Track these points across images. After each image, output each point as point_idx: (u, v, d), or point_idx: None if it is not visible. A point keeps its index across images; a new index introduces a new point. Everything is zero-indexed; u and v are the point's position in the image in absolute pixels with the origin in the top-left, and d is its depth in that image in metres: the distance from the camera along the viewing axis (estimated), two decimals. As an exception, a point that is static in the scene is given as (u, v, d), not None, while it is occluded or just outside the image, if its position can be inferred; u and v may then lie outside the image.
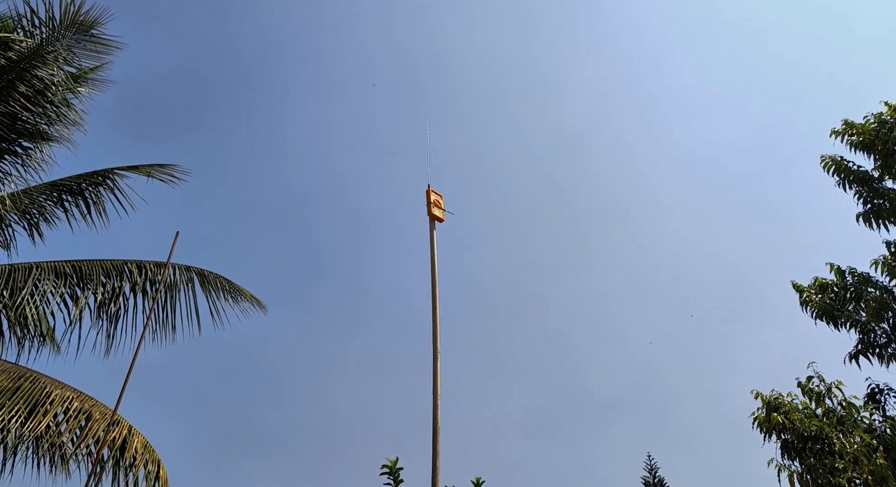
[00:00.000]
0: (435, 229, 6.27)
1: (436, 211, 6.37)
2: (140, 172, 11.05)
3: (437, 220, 6.42)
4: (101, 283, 10.15)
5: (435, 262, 5.89)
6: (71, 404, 8.13)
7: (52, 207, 10.25)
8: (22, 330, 9.76)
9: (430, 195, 6.54)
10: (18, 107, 7.83)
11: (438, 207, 6.41)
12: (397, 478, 6.55)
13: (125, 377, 6.36)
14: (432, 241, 6.07)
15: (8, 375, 7.81)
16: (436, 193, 6.55)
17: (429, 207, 6.46)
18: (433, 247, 6.02)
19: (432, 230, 6.26)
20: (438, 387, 4.90)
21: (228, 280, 11.42)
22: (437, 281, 5.65)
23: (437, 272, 5.75)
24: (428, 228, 6.30)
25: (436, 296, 5.63)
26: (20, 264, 9.42)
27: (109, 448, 8.31)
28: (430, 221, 6.42)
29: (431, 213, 6.41)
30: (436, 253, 5.93)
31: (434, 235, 6.15)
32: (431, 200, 6.45)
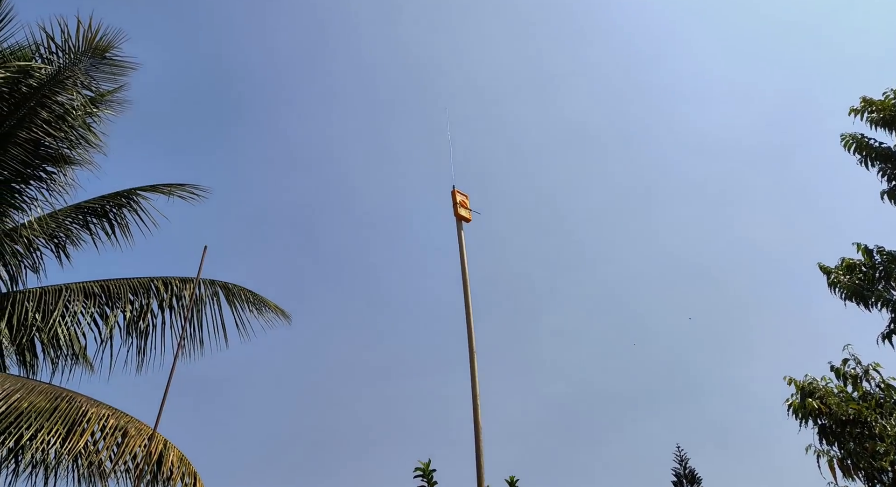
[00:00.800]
0: (462, 229, 6.27)
1: (462, 211, 6.37)
2: (161, 192, 11.22)
3: (465, 220, 6.42)
4: (129, 301, 10.32)
5: (465, 262, 5.89)
6: (107, 421, 8.24)
7: (78, 229, 10.43)
8: (55, 350, 9.96)
9: (455, 195, 6.54)
10: (41, 132, 8.00)
11: (465, 207, 6.41)
12: (431, 480, 6.57)
13: (163, 394, 6.45)
14: (461, 241, 6.08)
15: (45, 396, 7.94)
16: (461, 193, 6.54)
17: (455, 208, 6.45)
18: (462, 248, 6.02)
19: (460, 230, 6.26)
20: (477, 386, 4.90)
21: (252, 291, 11.55)
22: (469, 281, 5.66)
23: (467, 272, 5.76)
24: (455, 229, 6.29)
25: (468, 296, 5.63)
26: (50, 287, 9.60)
27: (147, 464, 8.42)
28: (456, 221, 6.41)
29: (458, 213, 6.41)
30: (465, 253, 5.93)
31: (462, 235, 6.15)
32: (457, 201, 6.45)
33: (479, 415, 4.66)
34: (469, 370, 5.03)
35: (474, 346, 5.25)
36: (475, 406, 4.80)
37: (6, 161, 7.98)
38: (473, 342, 5.29)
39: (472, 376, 4.99)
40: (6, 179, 8.13)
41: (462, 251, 6.00)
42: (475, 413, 4.71)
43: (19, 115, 7.81)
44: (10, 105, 7.77)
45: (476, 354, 5.14)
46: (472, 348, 5.25)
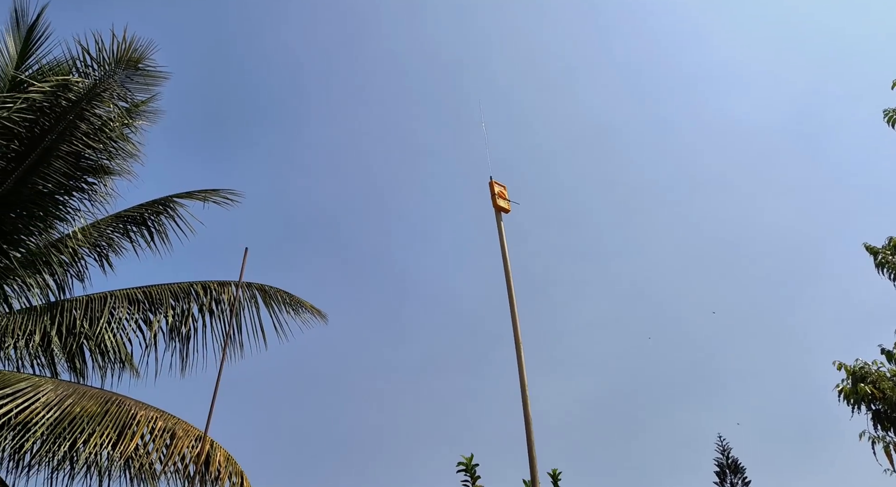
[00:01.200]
0: (501, 220, 6.21)
1: (501, 202, 6.29)
2: (196, 198, 11.44)
3: (503, 211, 6.35)
4: (170, 306, 10.56)
5: (506, 253, 5.81)
6: (155, 423, 8.45)
7: (119, 238, 10.70)
8: (103, 356, 10.24)
9: (493, 186, 6.48)
10: (81, 144, 8.22)
11: (503, 198, 6.34)
12: (474, 475, 6.59)
13: (212, 397, 6.57)
14: (500, 232, 6.01)
15: (96, 400, 8.18)
16: (499, 184, 6.48)
17: (493, 199, 6.38)
18: (502, 239, 5.95)
19: (499, 221, 6.18)
20: (525, 378, 4.86)
21: (288, 292, 11.71)
22: (511, 272, 5.59)
23: (509, 263, 5.69)
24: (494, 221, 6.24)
25: (511, 287, 5.56)
26: (95, 294, 9.88)
27: (195, 464, 8.60)
28: (495, 213, 6.34)
29: (496, 205, 6.33)
30: (505, 245, 5.87)
31: (501, 226, 6.09)
32: (495, 192, 6.39)
33: (528, 406, 4.63)
34: (516, 362, 4.99)
35: (520, 337, 5.20)
36: (524, 398, 4.75)
37: (49, 174, 8.22)
38: (519, 333, 5.23)
39: (520, 367, 4.94)
40: (50, 192, 8.37)
41: (503, 242, 5.92)
42: (524, 404, 4.68)
43: (60, 129, 8.03)
44: (51, 119, 8.00)
45: (522, 345, 5.09)
46: (518, 339, 5.20)
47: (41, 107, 7.88)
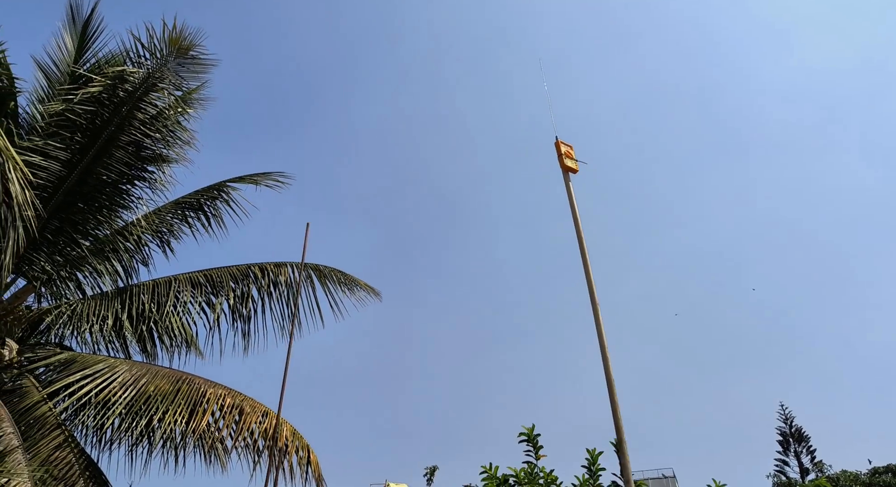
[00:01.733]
0: (570, 181, 6.04)
1: (568, 162, 6.11)
2: (249, 182, 11.68)
3: (571, 171, 6.16)
4: (231, 289, 10.88)
5: (577, 214, 5.66)
6: (224, 400, 8.77)
7: (179, 223, 11.03)
8: (170, 338, 10.67)
9: (559, 146, 6.29)
10: (139, 134, 8.47)
11: (570, 158, 6.17)
12: (536, 444, 6.61)
13: (283, 376, 6.74)
14: (570, 193, 5.84)
15: (168, 379, 8.54)
16: (565, 144, 6.30)
17: (560, 159, 6.19)
18: (572, 200, 5.79)
19: (567, 182, 6.00)
20: (604, 339, 4.79)
21: (342, 271, 11.90)
22: (583, 234, 5.45)
23: (580, 224, 5.55)
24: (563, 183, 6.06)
25: (584, 248, 5.41)
26: (160, 279, 10.26)
27: (264, 439, 8.91)
28: (563, 173, 6.15)
29: (564, 165, 6.15)
30: (576, 205, 5.72)
31: (570, 187, 5.92)
32: (562, 152, 6.21)
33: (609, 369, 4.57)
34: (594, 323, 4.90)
35: (596, 298, 5.09)
36: (605, 361, 4.69)
37: (111, 163, 8.51)
38: (595, 294, 5.13)
39: (599, 330, 4.86)
40: (113, 181, 8.68)
41: (573, 203, 5.75)
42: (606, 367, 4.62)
43: (119, 119, 8.28)
44: (110, 110, 8.25)
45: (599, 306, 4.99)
46: (595, 300, 5.09)
47: (100, 99, 8.13)
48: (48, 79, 9.55)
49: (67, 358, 8.41)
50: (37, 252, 8.61)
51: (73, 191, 8.55)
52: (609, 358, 4.58)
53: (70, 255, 9.04)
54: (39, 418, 7.57)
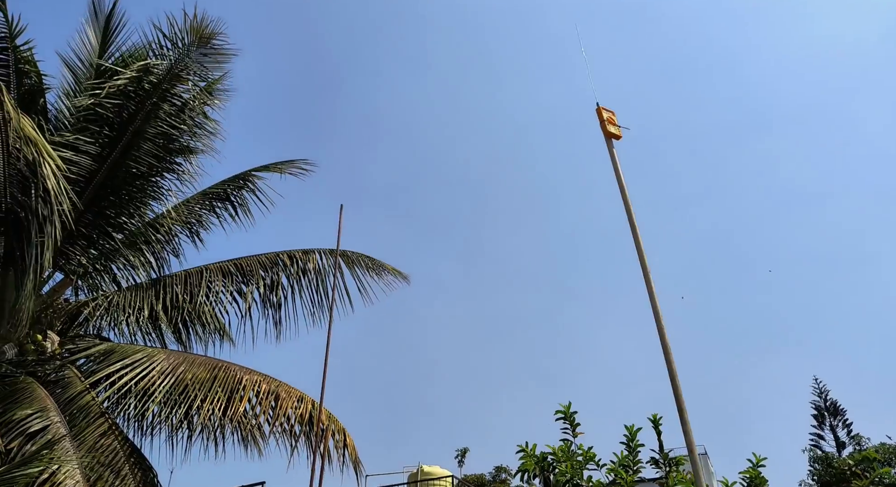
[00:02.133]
0: (613, 147, 5.85)
1: (611, 128, 5.91)
2: (273, 170, 11.73)
3: (614, 138, 5.95)
4: (260, 277, 10.99)
5: (622, 181, 5.49)
6: (260, 387, 8.90)
7: (207, 214, 11.14)
8: (203, 327, 10.84)
9: (601, 113, 6.08)
10: (166, 126, 8.54)
11: (613, 124, 5.98)
12: (573, 422, 6.59)
13: (324, 364, 6.78)
14: (614, 160, 5.65)
15: (204, 367, 8.68)
16: (607, 110, 6.08)
17: (603, 125, 5.96)
18: (617, 167, 5.61)
19: (611, 148, 5.79)
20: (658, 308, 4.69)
21: (370, 256, 11.94)
22: (629, 200, 5.30)
23: (626, 191, 5.39)
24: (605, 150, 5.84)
25: (631, 215, 5.27)
26: (192, 269, 10.40)
27: (300, 424, 9.03)
28: (606, 140, 5.94)
29: (607, 131, 5.93)
30: (621, 172, 5.56)
31: (614, 153, 5.74)
32: (604, 118, 6.01)
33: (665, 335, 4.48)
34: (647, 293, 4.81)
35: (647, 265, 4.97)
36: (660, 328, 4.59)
37: (140, 156, 8.61)
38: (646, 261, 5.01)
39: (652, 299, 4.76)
40: (143, 174, 8.78)
41: (618, 170, 5.58)
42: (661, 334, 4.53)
43: (145, 112, 8.35)
44: (136, 103, 8.33)
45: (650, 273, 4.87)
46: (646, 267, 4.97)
47: (126, 92, 8.20)
48: (74, 75, 9.66)
49: (107, 348, 8.59)
50: (72, 246, 8.78)
51: (103, 184, 8.68)
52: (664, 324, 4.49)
53: (104, 248, 9.20)
54: (84, 407, 7.76)
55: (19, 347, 8.12)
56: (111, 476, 7.33)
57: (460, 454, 50.47)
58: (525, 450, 6.33)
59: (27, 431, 6.69)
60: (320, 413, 7.62)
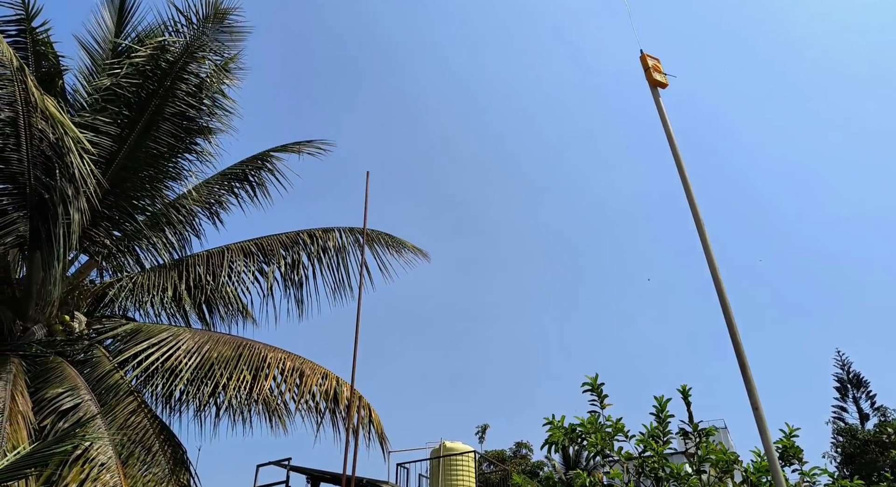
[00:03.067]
0: (660, 96, 5.58)
1: (657, 76, 5.60)
2: (291, 151, 11.69)
3: (660, 86, 5.65)
4: (281, 257, 11.02)
5: (671, 131, 5.27)
6: (284, 364, 8.95)
7: (226, 194, 11.16)
8: (226, 307, 10.92)
9: (645, 60, 5.73)
10: (184, 105, 8.51)
11: (658, 71, 5.69)
12: (601, 394, 6.55)
13: (354, 342, 6.77)
14: (661, 110, 5.40)
15: (229, 345, 8.74)
16: (651, 57, 5.74)
17: (648, 73, 5.60)
18: (664, 117, 5.38)
19: (657, 98, 5.50)
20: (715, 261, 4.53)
21: (389, 234, 11.91)
22: (681, 155, 5.10)
23: (675, 142, 5.17)
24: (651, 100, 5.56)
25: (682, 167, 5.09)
26: (214, 250, 10.45)
27: (325, 400, 9.10)
28: (651, 89, 5.64)
29: (652, 79, 5.58)
30: (668, 122, 5.34)
31: (661, 103, 5.49)
32: (649, 65, 5.72)
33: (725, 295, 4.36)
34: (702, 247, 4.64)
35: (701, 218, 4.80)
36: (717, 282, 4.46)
37: (159, 136, 8.60)
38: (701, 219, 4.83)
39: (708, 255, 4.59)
40: (163, 154, 8.78)
41: (665, 120, 5.36)
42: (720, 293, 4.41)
43: (163, 91, 8.32)
44: (154, 82, 8.29)
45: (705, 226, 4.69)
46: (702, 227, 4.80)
47: (143, 71, 8.17)
48: (91, 57, 9.64)
49: (133, 328, 8.68)
50: (96, 228, 8.83)
51: (124, 165, 8.69)
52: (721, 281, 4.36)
53: (127, 230, 9.25)
54: (112, 386, 7.87)
55: (48, 328, 8.23)
56: (142, 453, 7.46)
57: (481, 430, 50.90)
58: (552, 422, 6.31)
59: (59, 409, 6.80)
60: (352, 394, 7.63)
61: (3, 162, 7.17)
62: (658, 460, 5.47)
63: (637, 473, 5.69)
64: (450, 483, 16.24)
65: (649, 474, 5.74)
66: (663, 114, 5.41)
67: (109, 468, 6.14)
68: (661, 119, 5.40)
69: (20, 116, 6.79)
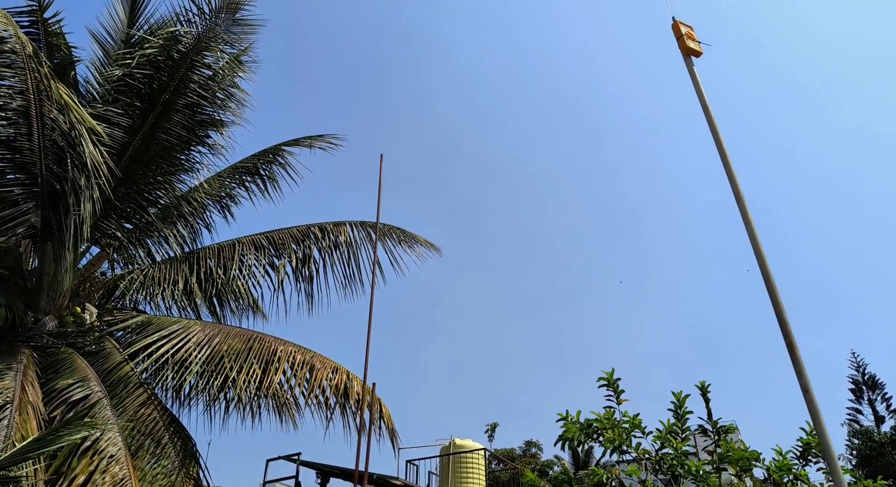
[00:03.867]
0: (693, 65, 5.35)
1: (690, 43, 5.39)
2: (303, 145, 11.63)
3: (694, 55, 5.42)
4: (292, 250, 10.95)
5: (706, 100, 5.06)
6: (294, 357, 8.88)
7: (237, 188, 11.11)
8: (237, 300, 10.87)
9: (678, 27, 5.54)
10: (196, 96, 8.45)
11: (692, 39, 5.46)
12: (617, 389, 6.41)
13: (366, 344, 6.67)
14: (695, 80, 5.19)
15: (240, 338, 8.69)
16: (684, 25, 5.49)
17: (681, 41, 5.36)
18: (699, 86, 5.15)
19: (690, 67, 5.23)
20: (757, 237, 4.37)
21: (401, 228, 11.82)
22: (717, 126, 4.89)
23: (711, 111, 4.96)
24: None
25: (718, 136, 4.91)
26: (225, 243, 10.40)
27: (335, 394, 9.02)
28: (684, 58, 5.36)
29: (686, 47, 5.29)
30: (703, 91, 5.12)
31: (695, 72, 5.26)
32: (682, 33, 5.50)
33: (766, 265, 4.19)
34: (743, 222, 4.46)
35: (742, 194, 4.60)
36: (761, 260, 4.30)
37: (171, 128, 8.55)
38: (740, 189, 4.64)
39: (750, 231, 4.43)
40: (175, 146, 8.73)
41: (699, 89, 5.14)
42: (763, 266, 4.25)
43: (175, 82, 8.27)
44: (166, 74, 8.24)
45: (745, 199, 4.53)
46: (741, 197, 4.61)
47: (156, 63, 8.12)
48: (103, 49, 9.61)
49: (144, 320, 8.64)
50: (107, 219, 8.80)
51: (136, 157, 8.65)
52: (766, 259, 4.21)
53: (138, 222, 9.21)
54: (123, 377, 7.83)
55: (59, 319, 8.20)
56: (151, 445, 7.41)
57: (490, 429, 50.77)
58: (566, 418, 6.18)
59: (69, 399, 6.76)
60: (363, 390, 7.55)
61: (15, 151, 7.14)
62: (677, 457, 5.34)
63: (654, 470, 5.55)
64: (460, 481, 16.14)
65: (666, 472, 5.60)
66: (698, 85, 5.22)
67: (118, 460, 6.09)
68: (696, 89, 5.21)
69: (32, 105, 6.75)
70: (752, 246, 4.41)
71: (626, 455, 5.63)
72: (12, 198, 7.60)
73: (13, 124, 6.94)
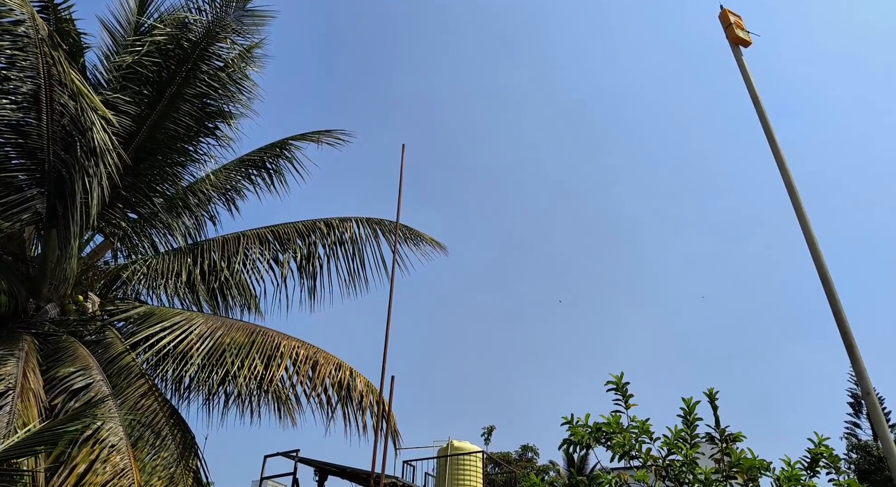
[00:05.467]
0: (742, 55, 5.23)
1: (739, 33, 5.27)
2: (310, 140, 11.54)
3: (743, 44, 5.28)
4: (297, 246, 10.87)
5: (755, 91, 4.96)
6: (297, 352, 8.79)
7: (243, 181, 11.03)
8: (240, 293, 10.79)
9: (726, 17, 5.41)
10: (205, 86, 8.38)
11: (741, 28, 5.36)
12: (626, 393, 6.33)
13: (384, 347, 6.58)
14: (744, 69, 5.08)
15: (243, 331, 8.60)
16: (733, 14, 5.37)
17: (729, 31, 5.21)
18: (747, 76, 5.04)
19: (739, 56, 5.10)
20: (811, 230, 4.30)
21: (407, 226, 11.74)
22: (766, 113, 4.79)
23: (761, 102, 4.83)
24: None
25: (769, 127, 4.82)
26: (229, 235, 10.32)
27: (337, 392, 8.93)
28: (732, 48, 5.27)
29: (735, 36, 5.13)
30: (753, 81, 5.02)
31: (744, 62, 5.15)
32: (730, 22, 5.39)
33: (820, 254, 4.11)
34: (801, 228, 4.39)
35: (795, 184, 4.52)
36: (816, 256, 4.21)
37: (179, 118, 8.48)
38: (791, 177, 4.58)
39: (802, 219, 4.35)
40: (182, 136, 8.67)
41: (748, 79, 5.05)
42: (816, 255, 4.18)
43: (184, 71, 8.20)
44: (175, 63, 8.18)
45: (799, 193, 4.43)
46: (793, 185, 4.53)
47: (165, 51, 8.05)
48: (113, 37, 9.53)
49: (146, 311, 8.57)
50: (112, 209, 8.73)
51: (143, 146, 8.59)
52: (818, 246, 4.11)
53: (143, 212, 9.14)
54: (124, 368, 7.76)
55: (61, 307, 8.14)
56: (151, 436, 7.33)
57: (486, 432, 50.64)
58: (570, 422, 6.10)
59: (70, 388, 6.69)
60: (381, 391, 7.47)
61: (22, 136, 7.07)
62: (686, 464, 5.26)
63: (661, 477, 5.47)
64: (457, 483, 16.06)
65: (673, 479, 5.53)
66: (747, 75, 5.13)
67: (119, 449, 6.02)
68: (745, 79, 5.12)
69: (42, 90, 6.69)
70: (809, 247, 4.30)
71: (633, 460, 5.56)
72: (17, 183, 7.53)
73: (21, 108, 6.88)
